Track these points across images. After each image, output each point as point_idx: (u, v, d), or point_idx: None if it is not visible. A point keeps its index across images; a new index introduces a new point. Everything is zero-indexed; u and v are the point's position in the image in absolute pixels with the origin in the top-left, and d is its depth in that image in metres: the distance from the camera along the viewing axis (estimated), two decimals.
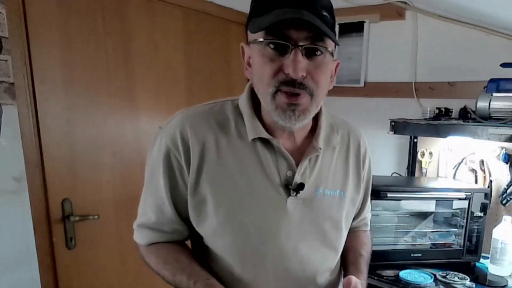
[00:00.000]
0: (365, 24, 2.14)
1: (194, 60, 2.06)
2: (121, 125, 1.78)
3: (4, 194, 1.46)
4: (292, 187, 0.88)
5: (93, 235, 1.71)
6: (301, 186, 0.89)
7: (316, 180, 0.92)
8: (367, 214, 1.16)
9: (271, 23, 0.73)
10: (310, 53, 0.78)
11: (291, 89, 0.78)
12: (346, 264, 1.04)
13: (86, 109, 1.68)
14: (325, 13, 0.77)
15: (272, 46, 0.76)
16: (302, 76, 0.77)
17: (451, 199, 1.72)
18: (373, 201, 1.60)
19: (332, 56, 0.83)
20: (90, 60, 1.67)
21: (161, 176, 0.88)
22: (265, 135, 0.86)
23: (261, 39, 0.77)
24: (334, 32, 0.80)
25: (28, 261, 1.54)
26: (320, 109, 0.94)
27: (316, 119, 0.95)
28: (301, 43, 0.75)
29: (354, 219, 1.08)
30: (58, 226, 1.64)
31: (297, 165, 0.89)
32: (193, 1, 2.01)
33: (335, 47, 0.83)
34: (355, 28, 2.17)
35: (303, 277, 0.93)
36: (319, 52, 0.78)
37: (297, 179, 0.89)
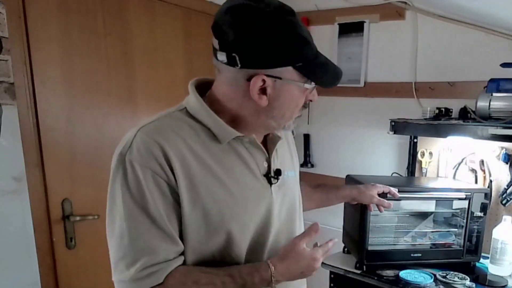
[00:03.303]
0: (365, 24, 2.14)
1: (194, 60, 2.07)
2: (121, 125, 1.78)
3: (4, 194, 1.46)
4: (272, 176, 0.96)
5: (93, 235, 1.71)
6: (279, 172, 0.97)
7: (281, 165, 1.00)
8: None
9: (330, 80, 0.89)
10: None
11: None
12: (323, 196, 1.31)
13: (86, 109, 1.68)
14: None
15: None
16: None
17: (451, 199, 1.72)
18: None
19: None
20: (90, 60, 1.67)
21: (150, 204, 0.81)
22: (239, 134, 0.89)
23: (312, 85, 0.88)
24: None
25: (28, 261, 1.54)
26: None
27: None
28: None
29: None
30: (58, 226, 1.64)
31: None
32: (193, 1, 2.01)
33: None
34: (355, 28, 2.17)
35: None
36: None
37: (274, 167, 0.97)
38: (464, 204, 1.66)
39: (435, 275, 1.56)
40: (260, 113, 0.88)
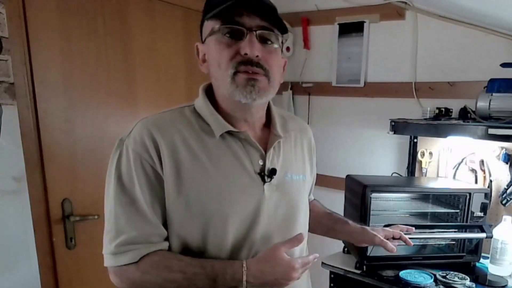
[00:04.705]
0: (365, 24, 2.14)
1: (194, 60, 2.06)
2: (121, 125, 1.78)
3: (4, 194, 1.46)
4: (266, 174, 0.95)
5: (93, 235, 1.71)
6: (273, 172, 0.96)
7: (283, 166, 0.99)
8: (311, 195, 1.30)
9: (227, 5, 0.82)
10: (262, 41, 0.87)
11: (249, 67, 0.85)
12: (329, 225, 1.22)
13: (86, 109, 1.68)
14: (270, 3, 0.88)
15: (228, 34, 0.85)
16: (257, 56, 0.85)
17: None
18: (373, 201, 1.61)
19: (281, 51, 0.93)
20: (90, 60, 1.67)
21: (136, 187, 0.87)
22: (232, 128, 0.92)
23: (217, 26, 0.85)
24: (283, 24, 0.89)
25: (28, 261, 1.54)
26: (270, 103, 1.03)
27: (268, 112, 1.03)
28: (254, 29, 0.85)
29: None
30: (58, 226, 1.64)
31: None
32: (193, 1, 2.01)
33: (282, 43, 0.92)
34: (355, 28, 2.17)
35: None
36: (269, 42, 0.88)
37: (269, 165, 0.96)
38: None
39: (435, 275, 1.56)
40: (215, 85, 0.93)
